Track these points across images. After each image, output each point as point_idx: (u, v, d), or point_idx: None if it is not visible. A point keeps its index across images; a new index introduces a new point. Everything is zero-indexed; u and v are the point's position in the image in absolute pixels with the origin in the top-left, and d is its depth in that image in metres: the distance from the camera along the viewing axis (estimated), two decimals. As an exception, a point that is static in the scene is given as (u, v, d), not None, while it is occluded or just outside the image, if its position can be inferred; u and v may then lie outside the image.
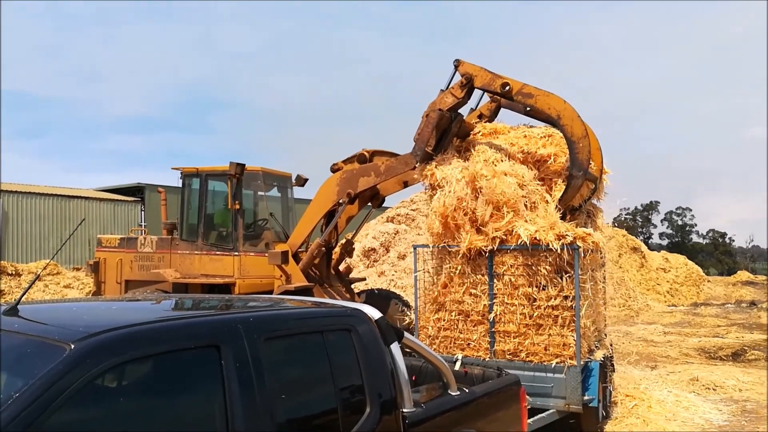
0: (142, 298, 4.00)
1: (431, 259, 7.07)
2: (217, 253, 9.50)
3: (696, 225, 68.98)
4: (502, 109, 8.61)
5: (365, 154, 8.47)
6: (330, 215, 8.61)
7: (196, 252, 9.61)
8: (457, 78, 7.29)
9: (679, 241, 65.43)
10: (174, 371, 2.34)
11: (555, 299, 6.20)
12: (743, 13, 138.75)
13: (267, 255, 8.79)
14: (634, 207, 66.80)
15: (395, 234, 19.99)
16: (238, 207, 9.35)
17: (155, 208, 24.22)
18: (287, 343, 2.86)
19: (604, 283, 7.91)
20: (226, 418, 2.35)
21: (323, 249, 8.78)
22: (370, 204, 9.27)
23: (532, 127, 7.86)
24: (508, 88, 7.06)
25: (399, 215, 21.14)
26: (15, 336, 2.26)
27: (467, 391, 3.72)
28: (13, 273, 16.83)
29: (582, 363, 6.18)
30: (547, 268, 6.22)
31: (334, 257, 9.57)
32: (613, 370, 7.80)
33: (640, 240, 32.41)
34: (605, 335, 8.04)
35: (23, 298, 2.70)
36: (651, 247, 40.45)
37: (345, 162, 8.67)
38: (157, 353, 2.30)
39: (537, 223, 6.34)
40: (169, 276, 9.36)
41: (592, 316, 6.71)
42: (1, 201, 21.66)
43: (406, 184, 8.68)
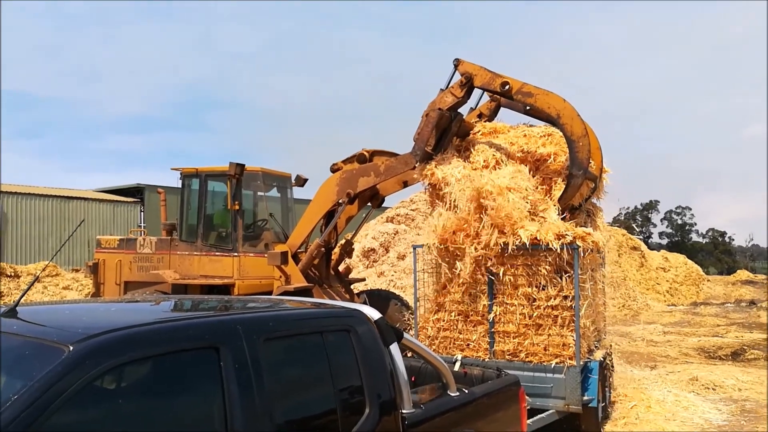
0: (142, 299, 4.00)
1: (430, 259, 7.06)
2: (217, 253, 9.50)
3: (695, 224, 68.99)
4: (502, 108, 8.62)
5: (365, 154, 8.47)
6: (329, 215, 8.61)
7: (196, 253, 9.60)
8: (457, 77, 7.30)
9: (679, 240, 65.42)
10: (173, 372, 2.34)
11: (554, 299, 6.20)
12: (743, 13, 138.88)
13: (266, 256, 8.78)
14: (633, 206, 66.86)
15: (395, 234, 19.98)
16: (237, 207, 9.35)
17: (155, 209, 24.20)
18: (286, 343, 2.85)
19: (603, 282, 7.91)
20: (226, 420, 2.34)
21: (323, 249, 8.78)
22: (369, 204, 9.27)
23: (531, 126, 7.88)
24: (507, 87, 7.06)
25: (399, 215, 21.13)
26: (14, 338, 2.26)
27: (466, 391, 3.72)
28: (12, 274, 16.82)
29: (581, 363, 6.18)
30: (546, 267, 6.22)
31: (333, 258, 9.57)
32: (613, 370, 7.80)
33: (640, 239, 32.37)
34: (605, 335, 8.04)
35: (22, 300, 2.70)
36: (651, 247, 40.43)
37: (345, 162, 8.67)
38: (156, 354, 2.29)
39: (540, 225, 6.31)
40: (168, 277, 9.35)
41: (592, 316, 6.71)
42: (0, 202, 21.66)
43: (405, 184, 8.68)
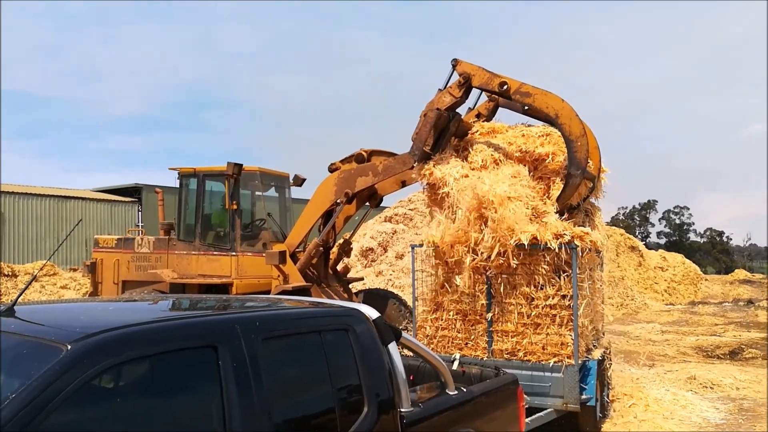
0: (139, 298, 3.99)
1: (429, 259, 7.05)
2: (215, 253, 9.49)
3: (693, 224, 69.17)
4: (500, 108, 8.61)
5: (363, 153, 8.46)
6: (328, 215, 8.60)
7: (194, 252, 9.59)
8: (455, 77, 7.29)
9: (677, 239, 65.55)
10: (171, 372, 2.34)
11: (553, 298, 6.21)
12: (743, 13, 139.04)
13: (264, 255, 8.77)
14: (632, 206, 66.96)
15: (393, 234, 19.96)
16: (235, 207, 9.34)
17: (152, 209, 24.17)
18: (285, 343, 2.85)
19: (601, 282, 7.92)
20: (224, 419, 2.34)
21: (321, 249, 8.77)
22: (368, 204, 9.26)
23: (530, 126, 7.87)
24: (506, 87, 7.06)
25: (397, 215, 21.11)
26: (12, 337, 2.26)
27: (465, 390, 3.72)
28: (10, 274, 16.80)
29: (580, 362, 6.18)
30: (545, 267, 6.22)
31: (331, 257, 9.56)
32: (611, 369, 7.81)
33: (638, 239, 32.42)
34: (603, 334, 8.05)
35: (20, 299, 2.69)
36: (649, 246, 40.50)
37: (343, 162, 8.65)
38: (154, 354, 2.29)
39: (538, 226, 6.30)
40: (166, 276, 9.34)
41: (590, 315, 6.71)
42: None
43: (404, 184, 8.67)
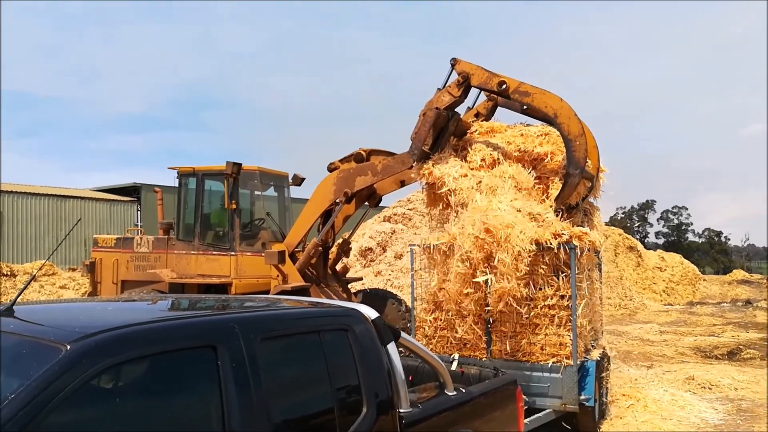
0: (139, 298, 3.99)
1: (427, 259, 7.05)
2: (214, 253, 9.48)
3: (692, 224, 69.28)
4: (499, 107, 8.62)
5: (362, 153, 8.45)
6: (327, 215, 8.60)
7: (193, 252, 9.58)
8: (454, 77, 7.29)
9: (675, 240, 65.63)
10: (170, 372, 2.34)
11: (551, 299, 6.21)
12: (743, 13, 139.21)
13: (264, 255, 8.76)
14: (630, 206, 67.02)
15: (392, 233, 19.97)
16: (234, 207, 9.33)
17: (152, 208, 24.17)
18: (284, 343, 2.85)
19: (600, 282, 7.92)
20: (223, 419, 2.34)
21: (320, 249, 8.76)
22: (366, 203, 9.26)
23: (528, 125, 7.89)
24: (504, 86, 7.06)
25: (396, 215, 21.13)
26: (11, 336, 2.25)
27: (464, 391, 3.72)
28: (9, 273, 16.79)
29: (578, 362, 6.19)
30: (543, 267, 6.23)
31: (330, 257, 9.55)
32: (610, 370, 7.81)
33: (637, 239, 32.45)
34: (601, 334, 8.05)
35: (19, 299, 2.69)
36: (647, 246, 40.53)
37: (342, 161, 8.65)
38: (153, 354, 2.29)
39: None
40: (165, 276, 9.33)
41: (589, 316, 6.72)
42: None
43: (403, 184, 8.67)
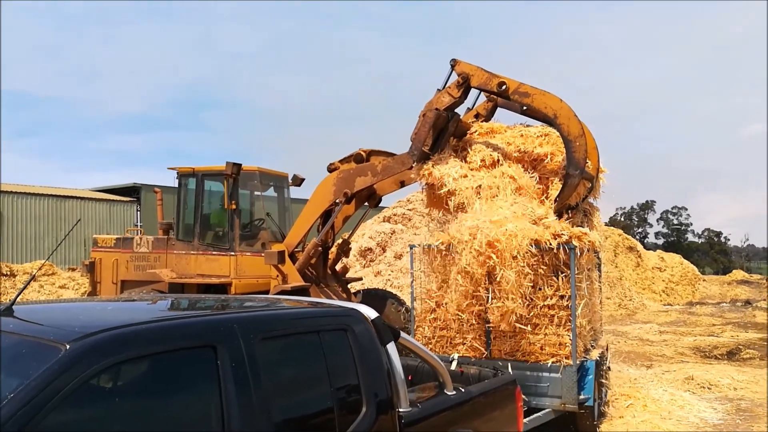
0: (138, 298, 3.99)
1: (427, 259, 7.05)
2: (214, 253, 9.48)
3: (691, 224, 69.35)
4: (499, 108, 8.62)
5: (362, 153, 8.45)
6: (327, 215, 8.60)
7: (193, 252, 9.58)
8: (454, 77, 7.30)
9: (675, 240, 65.66)
10: (170, 371, 2.34)
11: (551, 299, 6.21)
12: (743, 13, 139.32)
13: (263, 255, 8.77)
14: (630, 206, 67.04)
15: (392, 234, 19.97)
16: (234, 207, 9.33)
17: (151, 208, 24.17)
18: (283, 343, 2.85)
19: (600, 282, 7.93)
20: (222, 419, 2.34)
21: (320, 249, 8.76)
22: (366, 204, 9.26)
23: (528, 126, 7.89)
24: (504, 87, 7.07)
25: (396, 215, 21.13)
26: (10, 336, 2.25)
27: (463, 390, 3.72)
28: (8, 273, 16.79)
29: (578, 362, 6.19)
30: (543, 267, 6.23)
31: (330, 257, 9.55)
32: (609, 369, 7.82)
33: (636, 239, 32.46)
34: (601, 334, 8.06)
35: (18, 299, 2.69)
36: (647, 247, 40.54)
37: (342, 162, 8.65)
38: (153, 353, 2.29)
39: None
40: (165, 276, 9.33)
41: (588, 316, 6.72)
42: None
43: (402, 184, 8.67)
